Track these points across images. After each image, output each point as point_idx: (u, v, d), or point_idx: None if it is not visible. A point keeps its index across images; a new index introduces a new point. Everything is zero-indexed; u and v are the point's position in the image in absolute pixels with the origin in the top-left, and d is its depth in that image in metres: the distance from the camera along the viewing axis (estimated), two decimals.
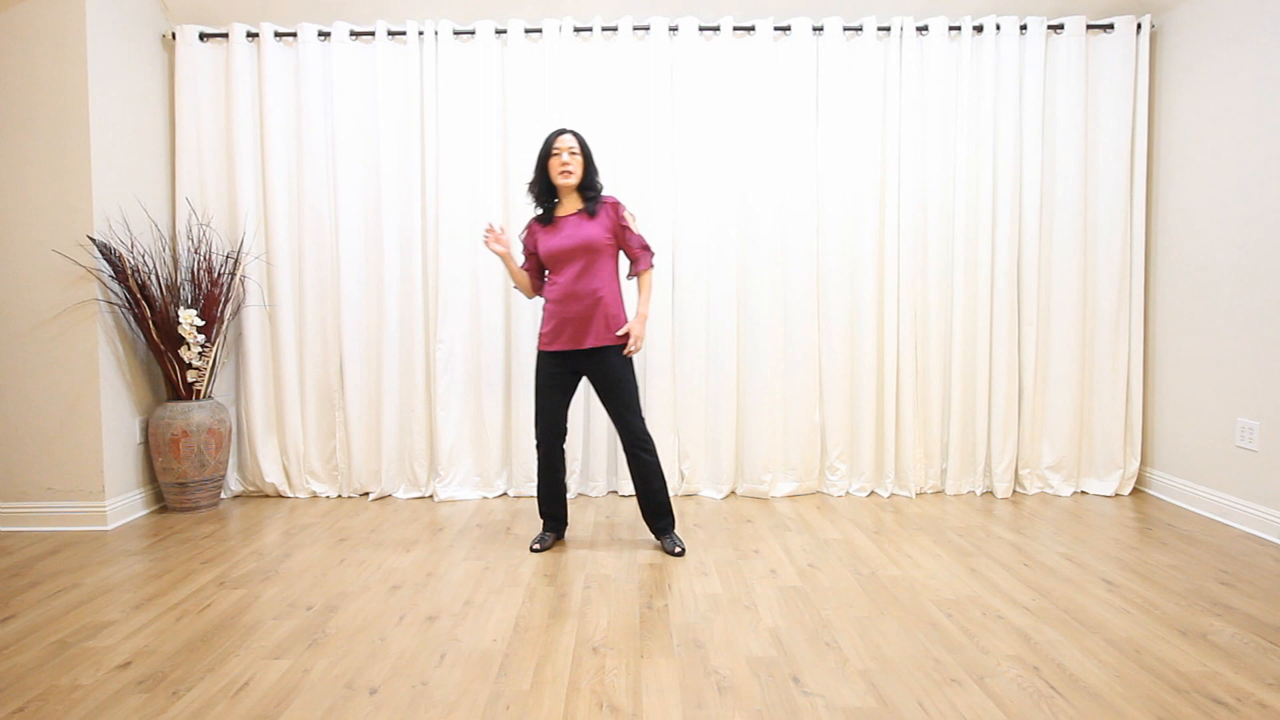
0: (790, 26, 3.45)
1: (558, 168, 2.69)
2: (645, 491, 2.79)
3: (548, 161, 2.71)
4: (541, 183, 2.75)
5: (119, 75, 3.22)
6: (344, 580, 2.54)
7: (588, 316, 2.67)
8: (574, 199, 2.77)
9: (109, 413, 3.15)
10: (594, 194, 2.74)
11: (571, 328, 2.68)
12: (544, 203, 2.78)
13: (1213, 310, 3.16)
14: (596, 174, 2.76)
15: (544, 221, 2.76)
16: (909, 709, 1.73)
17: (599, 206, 2.72)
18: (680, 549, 2.77)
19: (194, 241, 3.47)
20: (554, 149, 2.69)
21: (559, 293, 2.70)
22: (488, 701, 1.77)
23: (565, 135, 2.70)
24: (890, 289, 3.49)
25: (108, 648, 2.05)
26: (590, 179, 2.74)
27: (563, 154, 2.68)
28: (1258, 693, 1.79)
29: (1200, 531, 2.98)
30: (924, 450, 3.57)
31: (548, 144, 2.70)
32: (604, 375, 2.71)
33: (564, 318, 2.69)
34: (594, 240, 2.67)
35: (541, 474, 2.84)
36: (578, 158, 2.69)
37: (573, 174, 2.69)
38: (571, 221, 2.71)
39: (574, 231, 2.69)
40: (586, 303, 2.67)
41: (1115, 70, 3.42)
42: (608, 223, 2.71)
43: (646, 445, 2.75)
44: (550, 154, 2.70)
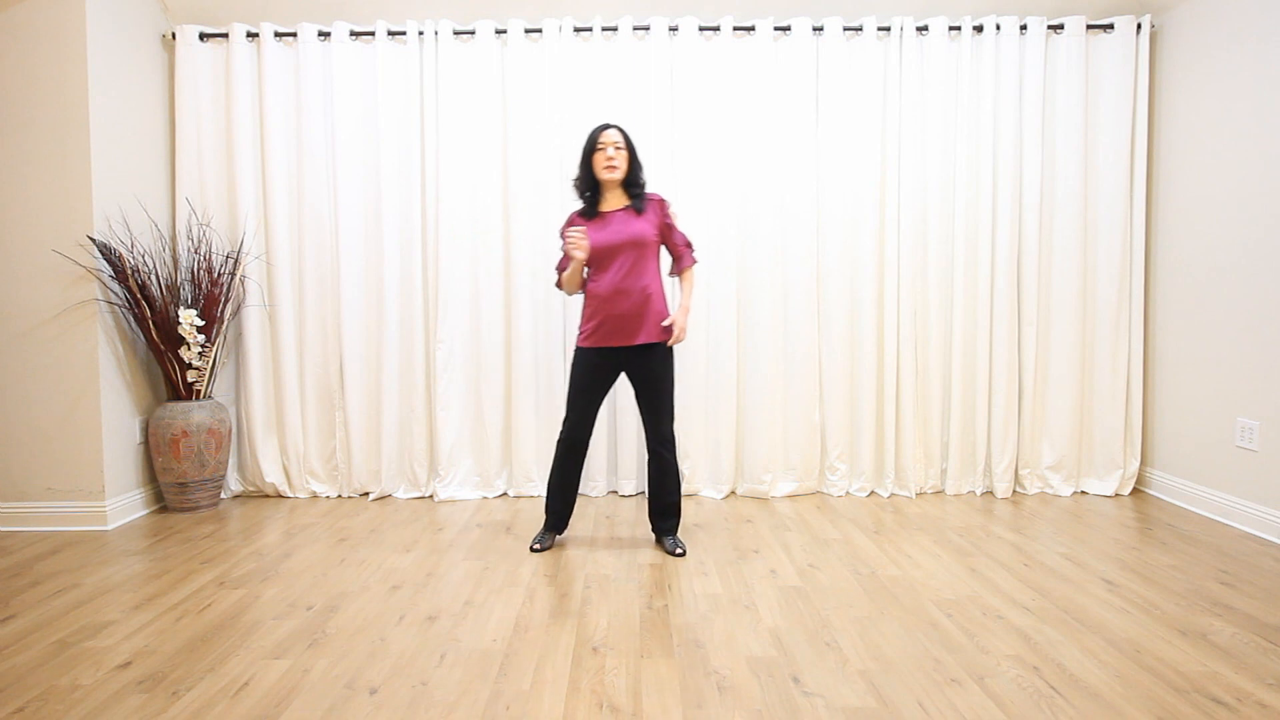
0: (790, 26, 3.45)
1: (603, 163, 2.66)
2: (659, 491, 2.79)
3: (593, 156, 2.69)
4: (586, 177, 2.73)
5: (119, 75, 3.22)
6: (344, 580, 2.54)
7: (638, 313, 2.66)
8: (618, 194, 2.74)
9: (109, 413, 3.15)
10: (639, 190, 2.73)
11: (621, 324, 2.66)
12: (588, 197, 2.75)
13: (1213, 310, 3.16)
14: (641, 169, 2.74)
15: (587, 216, 2.74)
16: (909, 709, 1.73)
17: (646, 203, 2.71)
18: (681, 550, 2.77)
19: (194, 241, 3.47)
20: (599, 143, 2.66)
21: (607, 288, 2.67)
22: (488, 701, 1.77)
23: (611, 130, 2.67)
24: (890, 289, 3.49)
25: (108, 648, 2.06)
26: (635, 174, 2.72)
27: (608, 149, 2.65)
28: (1258, 693, 1.79)
29: (1200, 531, 2.98)
30: (924, 450, 3.57)
31: (593, 138, 2.68)
32: (648, 373, 2.70)
33: (612, 313, 2.66)
34: (643, 236, 2.66)
35: (557, 472, 2.81)
36: (623, 153, 2.67)
37: (618, 169, 2.66)
38: (618, 217, 2.69)
39: (622, 227, 2.67)
40: (636, 299, 2.65)
41: (1115, 70, 3.42)
42: (655, 219, 2.71)
43: (670, 446, 2.76)
44: (595, 148, 2.67)
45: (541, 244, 3.49)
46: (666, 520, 2.83)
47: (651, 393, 2.72)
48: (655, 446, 2.75)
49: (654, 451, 2.76)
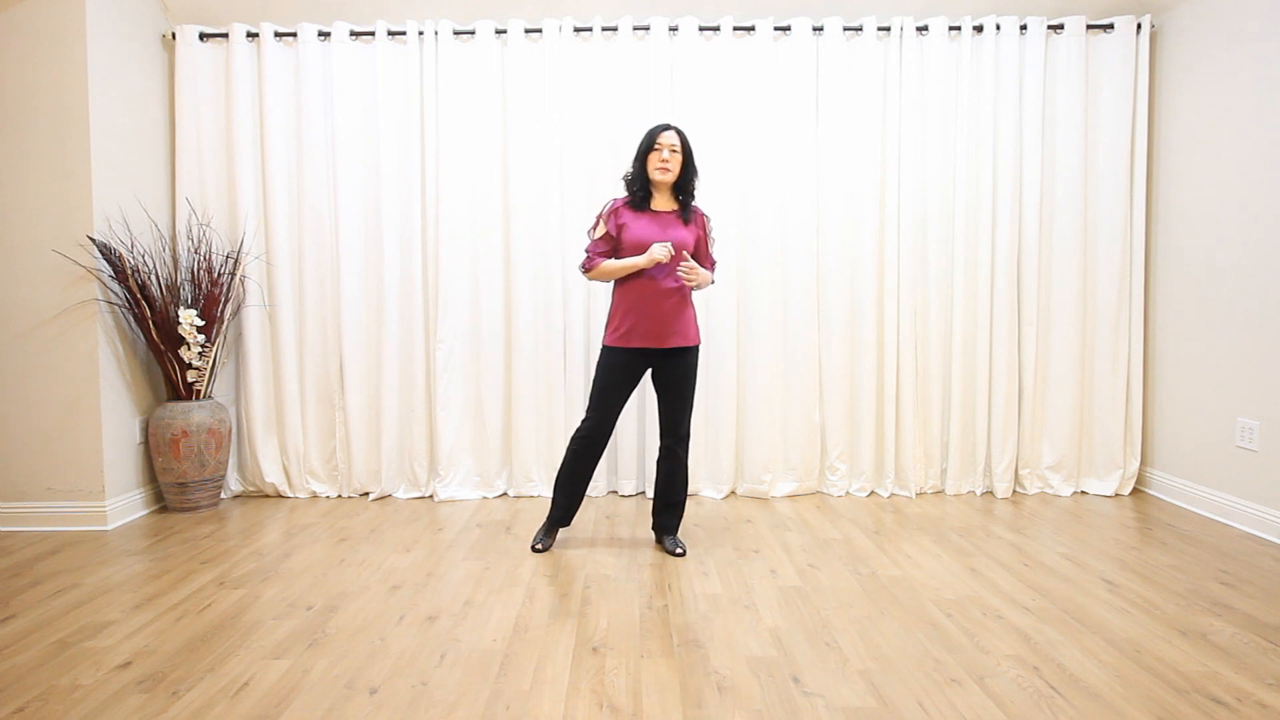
0: (790, 26, 3.45)
1: (656, 163, 2.65)
2: (667, 489, 2.79)
3: (648, 155, 2.67)
4: (640, 174, 2.70)
5: (119, 75, 3.22)
6: (344, 580, 2.54)
7: (673, 315, 2.66)
8: (667, 196, 2.74)
9: (109, 413, 3.15)
10: (689, 196, 2.73)
11: (656, 326, 2.65)
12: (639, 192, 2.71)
13: (1213, 310, 3.16)
14: (695, 175, 2.73)
15: (635, 207, 2.71)
16: (909, 709, 1.73)
17: (692, 214, 2.73)
18: (681, 550, 2.77)
19: (194, 241, 3.47)
20: (657, 143, 2.65)
21: (647, 289, 2.64)
22: (488, 701, 1.77)
23: (669, 132, 2.66)
24: (890, 289, 3.49)
25: (108, 648, 2.05)
26: (688, 179, 2.71)
27: (664, 150, 2.63)
28: (1258, 693, 1.79)
29: (1200, 531, 2.98)
30: (924, 450, 3.57)
31: (650, 137, 2.66)
32: (677, 375, 2.71)
33: (647, 314, 2.65)
34: (684, 243, 2.66)
35: (571, 463, 2.77)
36: (678, 156, 2.66)
37: (670, 171, 2.65)
38: (666, 219, 2.70)
39: (670, 230, 2.67)
40: (673, 301, 2.66)
41: (1115, 70, 3.42)
42: (697, 232, 2.73)
43: (686, 444, 2.78)
44: (652, 148, 2.66)
45: (542, 244, 3.49)
46: (669, 518, 2.83)
47: (676, 394, 2.73)
48: (671, 444, 2.76)
49: (668, 449, 2.76)
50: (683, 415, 2.75)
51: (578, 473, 2.79)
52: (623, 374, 2.71)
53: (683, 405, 2.74)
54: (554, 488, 2.87)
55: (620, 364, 2.70)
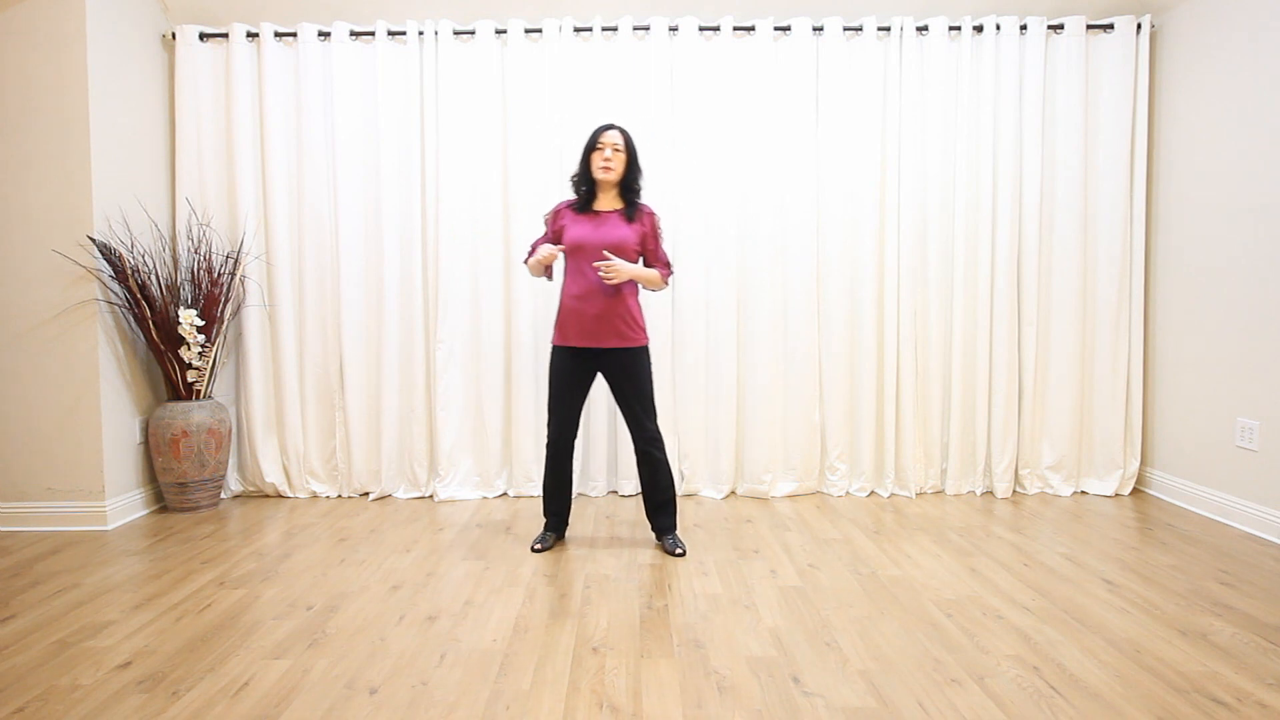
0: (790, 26, 3.45)
1: (599, 162, 2.66)
2: (652, 490, 2.79)
3: (591, 154, 2.69)
4: (584, 174, 2.72)
5: (119, 75, 3.22)
6: (344, 580, 2.54)
7: (606, 315, 2.66)
8: (612, 196, 2.75)
9: (109, 413, 3.15)
10: (634, 195, 2.73)
11: (592, 325, 2.66)
12: (584, 193, 2.74)
13: (1213, 310, 3.16)
14: (639, 174, 2.73)
15: (578, 209, 2.73)
16: (909, 709, 1.73)
17: (637, 212, 2.71)
18: (681, 550, 2.77)
19: (194, 241, 3.47)
20: (599, 143, 2.66)
21: (581, 288, 2.66)
22: (488, 701, 1.77)
23: (611, 131, 2.67)
24: (890, 289, 3.49)
25: (108, 648, 2.06)
26: (632, 178, 2.71)
27: (606, 149, 2.65)
28: (1258, 693, 1.79)
29: (1200, 531, 2.98)
30: (924, 450, 3.57)
31: (594, 137, 2.68)
32: (621, 375, 2.71)
33: (584, 313, 2.66)
34: (625, 242, 2.65)
35: (550, 474, 2.83)
36: (621, 155, 2.67)
37: (613, 170, 2.66)
38: (607, 218, 2.70)
39: (608, 230, 2.66)
40: (607, 301, 2.65)
41: (1115, 70, 3.42)
42: (641, 230, 2.71)
43: (658, 444, 2.75)
44: (594, 147, 2.67)
45: None
46: (663, 518, 2.83)
47: (629, 394, 2.72)
48: (643, 446, 2.75)
49: (642, 451, 2.76)
50: (643, 417, 2.72)
51: (558, 479, 2.83)
52: (568, 375, 2.73)
53: (639, 404, 2.72)
54: (543, 498, 2.90)
55: (563, 364, 2.73)
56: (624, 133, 2.69)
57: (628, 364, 2.69)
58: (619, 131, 2.68)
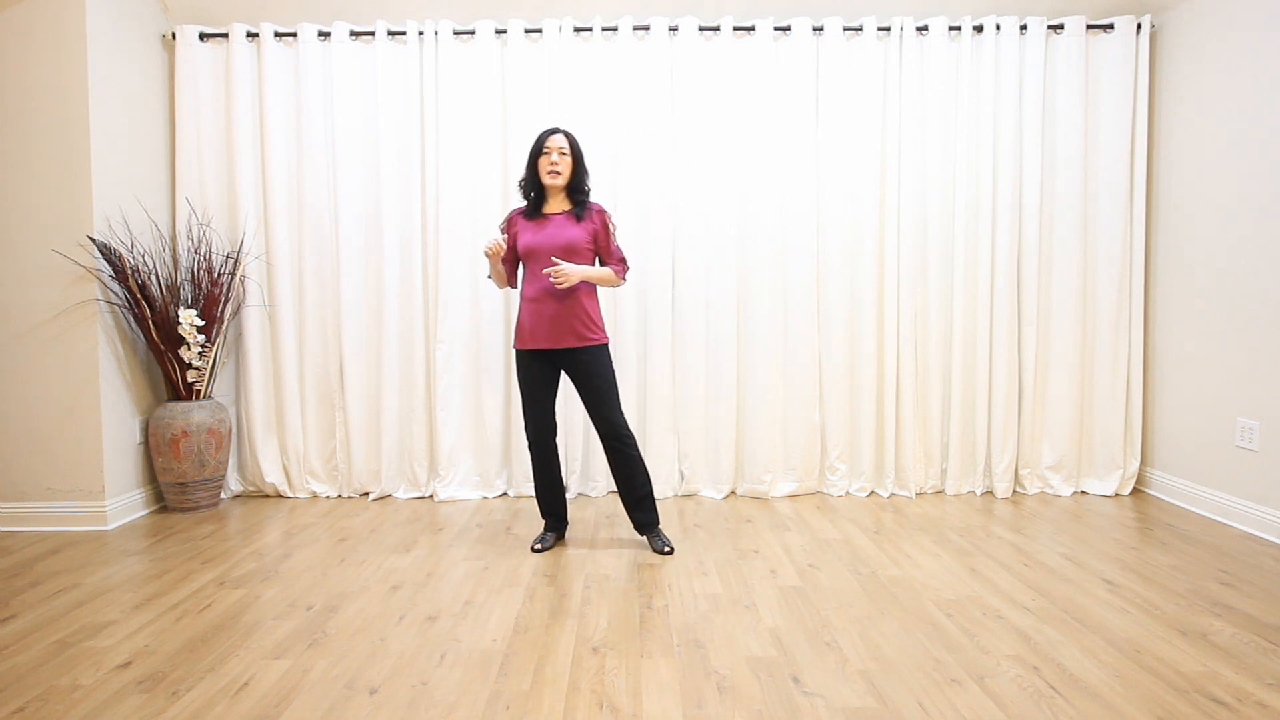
0: (790, 26, 3.45)
1: (546, 167, 2.69)
2: (627, 486, 2.77)
3: (538, 159, 2.71)
4: (531, 179, 2.75)
5: (119, 75, 3.22)
6: (344, 580, 2.54)
7: (564, 315, 2.67)
8: (561, 199, 2.77)
9: (109, 413, 3.15)
10: (582, 196, 2.75)
11: (548, 326, 2.68)
12: (532, 198, 2.77)
13: (1213, 310, 3.16)
14: (586, 176, 2.76)
15: (528, 215, 2.76)
16: (909, 709, 1.73)
17: (586, 211, 2.72)
18: (669, 548, 2.76)
19: (194, 241, 3.47)
20: (545, 148, 2.69)
21: (536, 291, 2.69)
22: (488, 701, 1.77)
23: (556, 135, 2.70)
24: (890, 289, 3.49)
25: (108, 648, 2.06)
26: (579, 180, 2.74)
27: (552, 154, 2.68)
28: (1258, 693, 1.79)
29: (1200, 531, 2.98)
30: (924, 450, 3.57)
31: (539, 142, 2.71)
32: (582, 373, 2.72)
33: (541, 315, 2.68)
34: (575, 242, 2.67)
35: (537, 474, 2.84)
36: (567, 158, 2.70)
37: (560, 174, 2.69)
38: (556, 221, 2.71)
39: (557, 231, 2.68)
40: (561, 303, 2.67)
41: (1115, 70, 3.42)
42: (591, 227, 2.72)
43: (626, 440, 2.74)
44: (540, 152, 2.70)
45: None
46: (641, 514, 2.80)
47: (591, 390, 2.72)
48: (609, 441, 2.74)
49: (609, 447, 2.74)
50: (605, 411, 2.71)
51: (547, 480, 2.85)
52: (532, 375, 2.75)
53: (600, 400, 2.71)
54: (537, 500, 2.90)
55: (528, 366, 2.75)
56: (569, 136, 2.72)
57: (587, 362, 2.70)
58: (564, 135, 2.70)
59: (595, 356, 2.71)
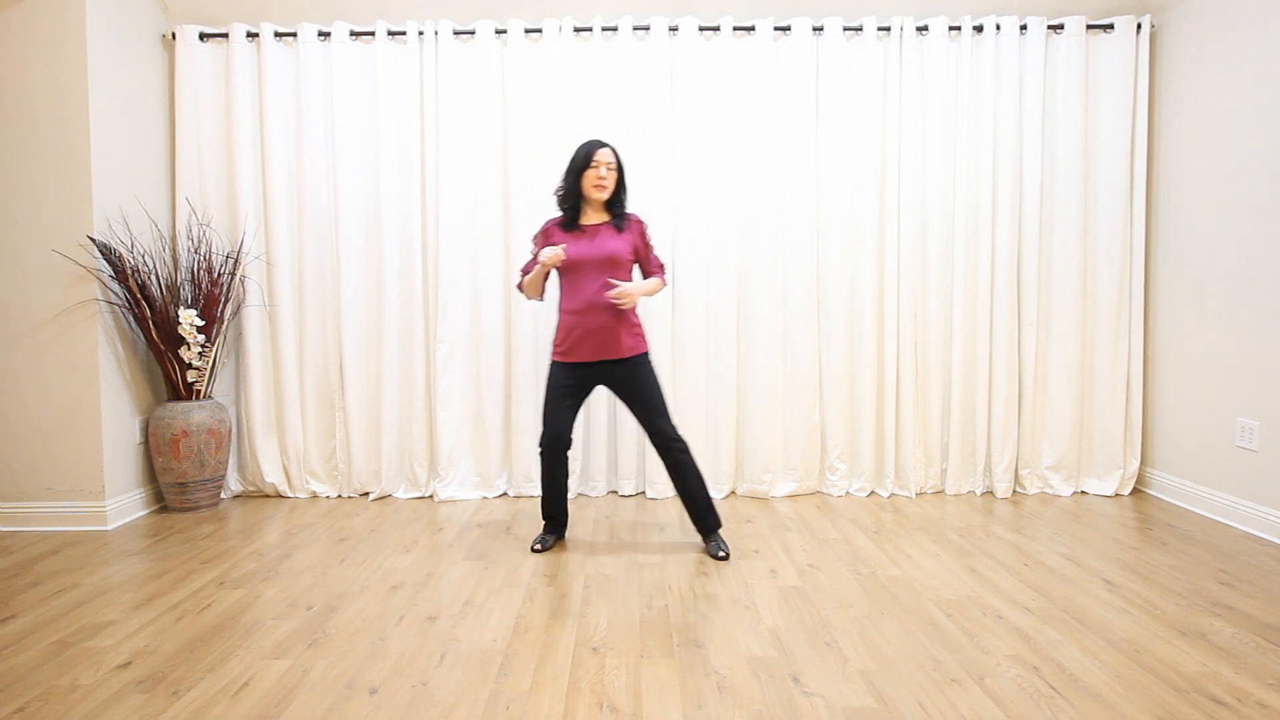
0: (790, 26, 3.45)
1: (593, 180, 2.66)
2: (686, 491, 2.76)
3: (584, 172, 2.68)
4: (572, 190, 2.72)
5: (119, 75, 3.22)
6: (344, 580, 2.54)
7: (611, 328, 2.66)
8: (599, 210, 2.76)
9: (109, 413, 3.15)
10: (621, 209, 2.75)
11: (595, 339, 2.67)
12: (570, 210, 2.74)
13: (1213, 310, 3.16)
14: (625, 190, 2.76)
15: (565, 227, 2.73)
16: (909, 709, 1.73)
17: (625, 222, 2.73)
18: (724, 554, 2.72)
19: (194, 241, 3.47)
20: (593, 161, 2.66)
21: (580, 303, 2.67)
22: (488, 701, 1.77)
23: (605, 149, 2.67)
24: (890, 289, 3.49)
25: (108, 648, 2.06)
26: (620, 194, 2.74)
27: (600, 168, 2.66)
28: (1258, 693, 1.79)
29: (1200, 531, 2.98)
30: (924, 450, 3.57)
31: (586, 155, 2.67)
32: (630, 385, 2.71)
33: (586, 329, 2.66)
34: (618, 254, 2.67)
35: (544, 479, 2.83)
36: (614, 173, 2.69)
37: (607, 189, 2.68)
38: (597, 232, 2.70)
39: (601, 243, 2.67)
40: (609, 315, 2.66)
41: (1115, 70, 3.42)
42: (631, 239, 2.72)
43: (680, 444, 2.74)
44: (588, 165, 2.67)
45: None
46: (703, 519, 2.79)
47: (639, 401, 2.72)
48: (664, 447, 2.74)
49: (665, 455, 2.74)
50: (657, 420, 2.72)
51: (554, 482, 2.83)
52: (566, 388, 2.74)
53: (651, 409, 2.71)
54: (540, 503, 2.89)
55: (563, 378, 2.74)
56: (615, 150, 2.71)
57: (633, 373, 2.70)
58: (611, 150, 2.69)
59: (640, 366, 2.71)
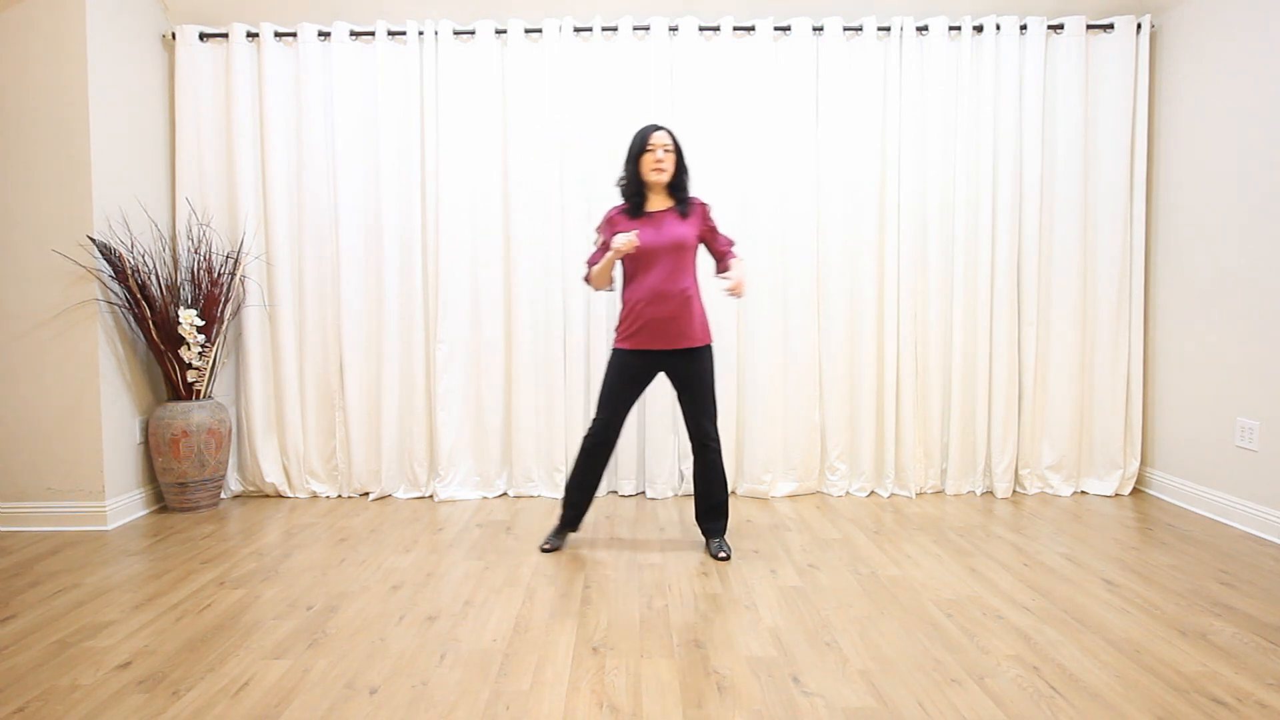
0: (790, 26, 3.45)
1: (651, 164, 2.64)
2: (709, 492, 2.75)
3: (641, 157, 2.66)
4: (633, 177, 2.69)
5: (119, 75, 3.22)
6: (344, 580, 2.54)
7: (680, 316, 2.65)
8: (662, 196, 2.73)
9: (109, 413, 3.15)
10: (684, 193, 2.72)
11: (662, 327, 2.64)
12: (633, 197, 2.71)
13: (1213, 310, 3.16)
14: (686, 173, 2.72)
15: (631, 215, 2.70)
16: (909, 709, 1.73)
17: (690, 207, 2.71)
18: (725, 554, 2.71)
19: (194, 241, 3.47)
20: (649, 145, 2.63)
21: (648, 292, 2.64)
22: (488, 701, 1.77)
23: (660, 132, 2.64)
24: (890, 289, 3.49)
25: (108, 648, 2.06)
26: (681, 177, 2.71)
27: (657, 151, 2.62)
28: (1258, 693, 1.79)
29: (1200, 531, 2.98)
30: (924, 450, 3.57)
31: (642, 139, 2.64)
32: (689, 375, 2.69)
33: (654, 317, 2.64)
34: (685, 239, 2.65)
35: (582, 470, 2.77)
36: (671, 155, 2.65)
37: (666, 171, 2.64)
38: (662, 218, 2.68)
39: (666, 229, 2.65)
40: (677, 302, 2.64)
41: (1115, 70, 3.42)
42: (697, 223, 2.70)
43: (716, 445, 2.73)
44: (644, 150, 2.65)
45: (542, 244, 3.49)
46: (713, 521, 2.78)
47: (695, 393, 2.70)
48: (700, 444, 2.72)
49: (699, 449, 2.73)
50: (704, 417, 2.70)
51: (588, 475, 2.78)
52: (631, 376, 2.71)
53: (703, 404, 2.70)
54: (565, 489, 2.85)
55: (628, 366, 2.70)
56: (671, 133, 2.67)
57: (697, 363, 2.69)
58: (667, 132, 2.65)
59: (705, 357, 2.70)
